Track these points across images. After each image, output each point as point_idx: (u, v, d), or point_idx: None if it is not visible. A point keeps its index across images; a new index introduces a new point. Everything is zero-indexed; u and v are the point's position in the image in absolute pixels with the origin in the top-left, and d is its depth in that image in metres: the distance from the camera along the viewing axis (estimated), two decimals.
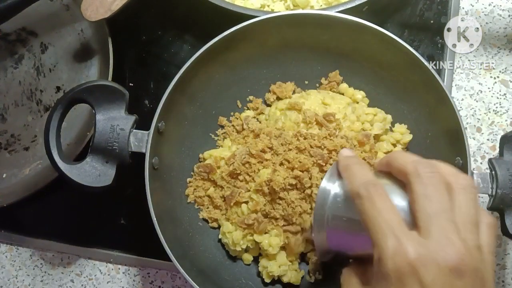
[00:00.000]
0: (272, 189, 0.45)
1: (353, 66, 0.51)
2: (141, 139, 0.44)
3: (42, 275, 0.60)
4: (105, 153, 0.44)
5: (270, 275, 0.47)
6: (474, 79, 0.55)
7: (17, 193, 0.58)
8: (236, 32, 0.46)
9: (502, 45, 0.55)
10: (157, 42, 0.60)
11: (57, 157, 0.44)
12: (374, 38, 0.46)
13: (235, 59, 0.50)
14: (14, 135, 0.61)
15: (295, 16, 0.46)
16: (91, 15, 0.52)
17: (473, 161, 0.53)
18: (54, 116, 0.45)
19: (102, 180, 0.44)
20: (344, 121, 0.48)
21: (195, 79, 0.48)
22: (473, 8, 0.56)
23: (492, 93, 0.54)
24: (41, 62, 0.61)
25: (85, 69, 0.60)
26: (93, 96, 0.45)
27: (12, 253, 0.61)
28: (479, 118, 0.54)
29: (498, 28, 0.55)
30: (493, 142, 0.54)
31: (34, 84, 0.61)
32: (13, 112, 0.61)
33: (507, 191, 0.41)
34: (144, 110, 0.58)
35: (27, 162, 0.60)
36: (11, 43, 0.62)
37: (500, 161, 0.42)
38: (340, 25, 0.46)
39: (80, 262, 0.59)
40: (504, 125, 0.54)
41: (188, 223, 0.50)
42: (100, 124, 0.44)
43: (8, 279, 0.61)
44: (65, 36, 0.61)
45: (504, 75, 0.54)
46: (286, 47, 0.50)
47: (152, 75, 0.60)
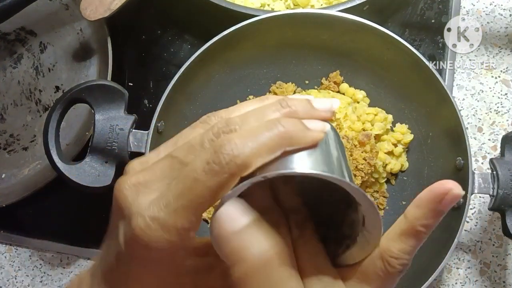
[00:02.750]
0: None
1: (353, 65, 0.51)
2: (140, 139, 0.44)
3: (41, 275, 0.60)
4: (104, 153, 0.44)
5: None
6: (475, 79, 0.55)
7: (16, 193, 0.58)
8: (236, 31, 0.45)
9: (503, 45, 0.55)
10: (156, 41, 0.60)
11: (56, 157, 0.44)
12: (374, 38, 0.46)
13: (235, 58, 0.50)
14: (13, 135, 0.61)
15: (296, 16, 0.46)
16: (90, 15, 0.52)
17: (474, 161, 0.53)
18: (53, 116, 0.44)
19: (102, 180, 0.44)
20: (345, 121, 0.48)
21: (195, 78, 0.48)
22: (474, 8, 0.56)
23: (493, 93, 0.54)
24: (40, 62, 0.61)
25: (84, 69, 0.60)
26: (92, 96, 0.45)
27: (11, 253, 0.61)
28: (480, 118, 0.54)
29: (499, 27, 0.55)
30: (494, 142, 0.53)
31: (33, 84, 0.61)
32: (12, 112, 0.61)
33: (508, 192, 0.41)
34: (144, 110, 0.58)
35: (26, 162, 0.60)
36: (10, 42, 0.62)
37: (501, 161, 0.42)
38: (340, 25, 0.46)
39: (79, 263, 0.59)
40: (506, 125, 0.53)
41: None
42: (99, 124, 0.44)
43: (7, 280, 0.61)
44: (64, 35, 0.61)
45: (505, 74, 0.54)
46: (286, 47, 0.50)
47: (151, 75, 0.59)
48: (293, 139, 0.22)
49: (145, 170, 0.24)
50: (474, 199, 0.53)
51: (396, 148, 0.49)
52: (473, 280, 0.51)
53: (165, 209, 0.22)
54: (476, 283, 0.51)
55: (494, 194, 0.41)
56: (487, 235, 0.52)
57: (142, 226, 0.22)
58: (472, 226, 0.52)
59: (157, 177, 0.24)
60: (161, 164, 0.24)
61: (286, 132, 0.22)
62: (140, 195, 0.24)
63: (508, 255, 0.51)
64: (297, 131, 0.23)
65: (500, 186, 0.41)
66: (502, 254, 0.51)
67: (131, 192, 0.24)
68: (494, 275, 0.51)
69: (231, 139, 0.22)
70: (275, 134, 0.22)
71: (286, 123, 0.22)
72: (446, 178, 0.32)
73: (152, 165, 0.24)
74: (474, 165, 0.53)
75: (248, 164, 0.22)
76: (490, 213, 0.52)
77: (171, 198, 0.22)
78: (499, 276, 0.51)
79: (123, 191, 0.24)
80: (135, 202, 0.23)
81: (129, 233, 0.23)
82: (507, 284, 0.51)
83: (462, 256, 0.52)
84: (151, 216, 0.22)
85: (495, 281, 0.51)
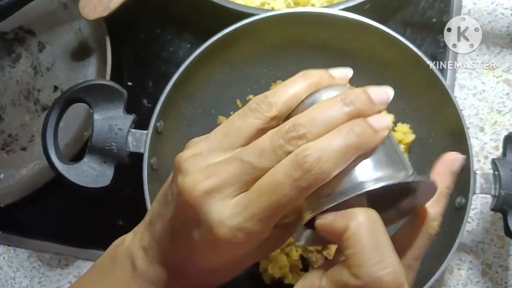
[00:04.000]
0: None
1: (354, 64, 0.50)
2: (139, 139, 0.44)
3: (40, 276, 0.59)
4: (103, 153, 0.44)
5: (271, 276, 0.47)
6: (477, 78, 0.54)
7: (14, 193, 0.58)
8: (236, 30, 0.45)
9: (505, 44, 0.54)
10: (155, 40, 0.60)
11: (55, 157, 0.44)
12: (376, 37, 0.45)
13: (234, 57, 0.49)
14: (11, 135, 0.61)
15: (296, 14, 0.46)
16: (89, 14, 0.51)
17: (476, 161, 0.53)
18: (52, 115, 0.44)
19: (100, 180, 0.44)
20: None
21: (194, 78, 0.48)
22: (476, 7, 0.55)
23: (495, 93, 0.54)
24: (38, 61, 0.61)
25: (83, 68, 0.60)
26: (91, 95, 0.44)
27: (10, 254, 0.61)
28: (482, 117, 0.54)
29: (501, 26, 0.55)
30: (496, 142, 0.53)
31: (31, 84, 0.61)
32: (10, 112, 0.61)
33: (510, 192, 0.41)
34: (143, 110, 0.58)
35: (25, 162, 0.60)
36: (9, 42, 0.62)
37: (503, 161, 0.42)
38: (341, 23, 0.46)
39: (78, 264, 0.59)
40: (507, 124, 0.53)
41: None
42: (98, 124, 0.44)
43: (6, 281, 0.60)
44: (62, 35, 0.61)
45: (507, 74, 0.54)
46: (286, 46, 0.50)
47: (150, 74, 0.59)
48: (366, 144, 0.24)
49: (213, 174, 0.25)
50: (476, 199, 0.52)
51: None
52: (475, 281, 0.51)
53: (250, 220, 0.24)
54: (477, 284, 0.51)
55: (496, 195, 0.41)
56: (489, 235, 0.51)
57: (228, 236, 0.24)
58: (473, 227, 0.52)
59: (229, 182, 0.25)
60: (230, 167, 0.25)
61: (360, 141, 0.24)
62: (216, 201, 0.25)
63: (510, 256, 0.51)
64: (369, 136, 0.24)
65: (502, 187, 0.41)
66: (504, 255, 0.51)
67: (204, 198, 0.25)
68: (496, 276, 0.51)
69: (310, 151, 0.23)
70: (351, 144, 0.24)
71: (357, 129, 0.24)
72: None
73: (219, 167, 0.25)
74: (475, 165, 0.52)
75: (329, 176, 0.24)
76: (492, 214, 0.51)
77: (256, 209, 0.24)
78: (501, 277, 0.51)
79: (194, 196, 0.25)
80: (213, 210, 0.25)
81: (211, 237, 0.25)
82: (509, 285, 0.51)
83: (464, 257, 0.52)
84: (237, 227, 0.24)
85: (497, 282, 0.51)
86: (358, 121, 0.25)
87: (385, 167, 0.25)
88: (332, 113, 0.25)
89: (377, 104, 0.26)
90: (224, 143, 0.26)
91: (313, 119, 0.24)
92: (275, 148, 0.24)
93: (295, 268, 0.47)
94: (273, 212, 0.24)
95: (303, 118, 0.25)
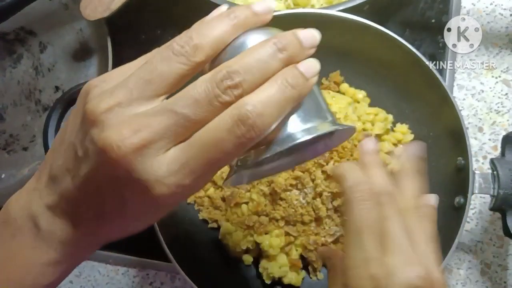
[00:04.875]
0: (273, 190, 0.44)
1: (354, 65, 0.51)
2: None
3: None
4: None
5: (271, 276, 0.47)
6: (476, 79, 0.55)
7: None
8: None
9: (504, 45, 0.55)
10: (156, 41, 0.60)
11: None
12: (375, 37, 0.46)
13: None
14: (12, 135, 0.61)
15: (296, 15, 0.46)
16: (90, 14, 0.51)
17: (475, 161, 0.53)
18: (53, 116, 0.44)
19: None
20: (345, 121, 0.48)
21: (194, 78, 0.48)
22: (475, 7, 0.55)
23: (494, 93, 0.54)
24: (40, 62, 0.61)
25: (84, 69, 0.60)
26: None
27: None
28: (481, 118, 0.54)
29: (500, 27, 0.55)
30: (494, 142, 0.53)
31: (32, 84, 0.61)
32: (11, 112, 0.61)
33: (509, 192, 0.41)
34: None
35: (26, 162, 0.60)
36: (10, 42, 0.62)
37: (502, 161, 0.42)
38: (341, 24, 0.46)
39: None
40: (506, 125, 0.53)
41: (188, 224, 0.49)
42: None
43: None
44: (64, 35, 0.61)
45: (506, 74, 0.54)
46: None
47: None
48: (300, 95, 0.24)
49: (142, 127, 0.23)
50: (475, 199, 0.52)
51: (397, 148, 0.49)
52: (474, 281, 0.51)
53: (189, 176, 0.23)
54: (477, 283, 0.51)
55: (494, 194, 0.41)
56: (488, 235, 0.52)
57: (166, 193, 0.23)
58: (472, 227, 0.52)
59: (161, 136, 0.23)
60: (162, 119, 0.23)
61: (296, 92, 0.24)
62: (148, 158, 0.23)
63: (509, 256, 0.51)
64: (302, 86, 0.24)
65: (500, 186, 0.41)
66: (503, 255, 0.51)
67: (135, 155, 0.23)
68: (495, 276, 0.51)
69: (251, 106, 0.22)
70: (288, 96, 0.23)
71: (293, 80, 0.24)
72: (447, 178, 0.32)
73: (148, 119, 0.23)
74: (474, 165, 0.53)
75: (269, 130, 0.23)
76: (490, 213, 0.51)
77: (195, 166, 0.23)
78: (500, 276, 0.51)
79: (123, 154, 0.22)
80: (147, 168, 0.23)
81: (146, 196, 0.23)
82: (508, 284, 0.51)
83: (463, 257, 0.52)
84: (176, 184, 0.23)
85: (496, 281, 0.51)
86: (292, 70, 0.24)
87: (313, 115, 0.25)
88: (266, 60, 0.23)
89: (307, 48, 0.25)
90: (146, 90, 0.23)
91: (248, 66, 0.23)
92: (211, 99, 0.23)
93: (295, 268, 0.48)
94: (213, 167, 0.23)
95: (237, 64, 0.23)
